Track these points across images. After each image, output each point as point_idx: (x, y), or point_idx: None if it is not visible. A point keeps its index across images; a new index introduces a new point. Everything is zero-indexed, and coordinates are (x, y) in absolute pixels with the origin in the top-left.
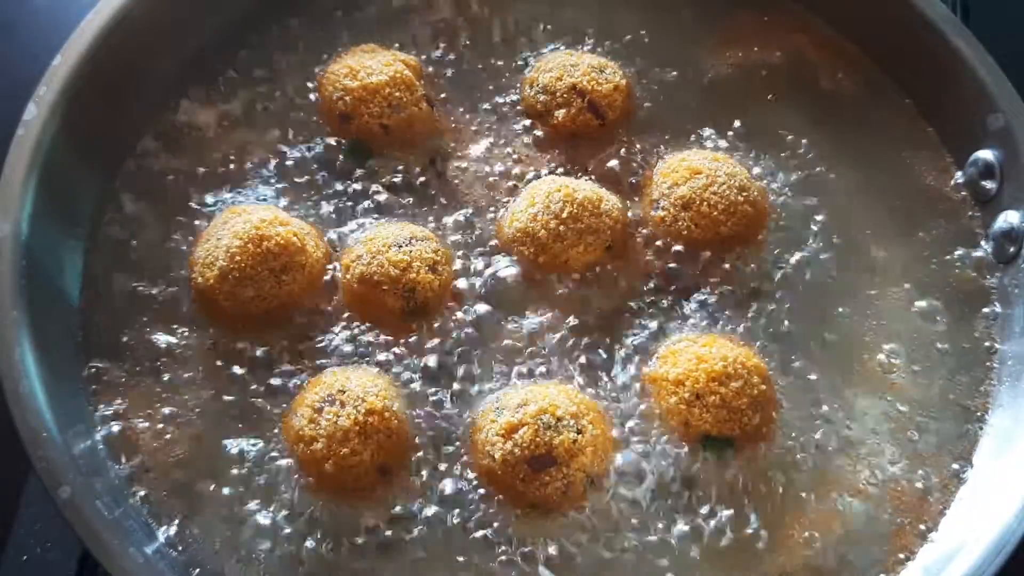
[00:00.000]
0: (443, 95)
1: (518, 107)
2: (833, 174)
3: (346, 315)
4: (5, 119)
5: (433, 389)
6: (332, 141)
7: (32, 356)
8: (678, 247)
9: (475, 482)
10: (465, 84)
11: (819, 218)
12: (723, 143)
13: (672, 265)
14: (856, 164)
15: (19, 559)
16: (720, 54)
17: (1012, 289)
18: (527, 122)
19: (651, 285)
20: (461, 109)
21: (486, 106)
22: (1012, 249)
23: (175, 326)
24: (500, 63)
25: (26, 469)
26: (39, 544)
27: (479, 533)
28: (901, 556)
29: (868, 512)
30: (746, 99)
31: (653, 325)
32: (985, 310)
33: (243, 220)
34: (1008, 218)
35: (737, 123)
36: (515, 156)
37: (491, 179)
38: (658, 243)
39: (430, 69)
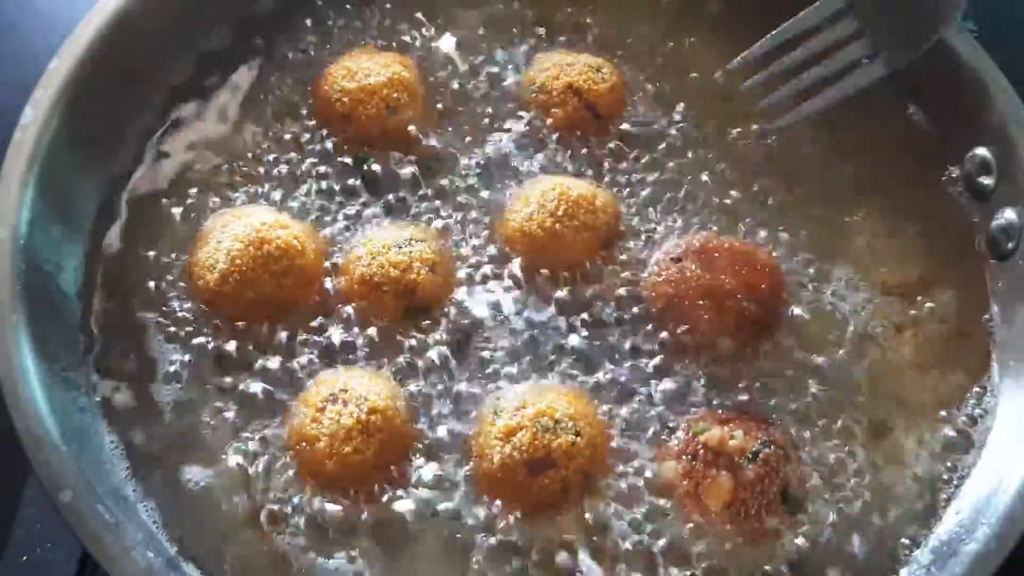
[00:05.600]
0: (440, 95)
1: (515, 106)
2: (828, 169)
3: (347, 316)
4: (6, 121)
5: (434, 389)
6: (331, 142)
7: (32, 359)
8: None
9: (474, 483)
10: (462, 84)
11: (813, 213)
12: None
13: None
14: (851, 160)
15: (19, 559)
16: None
17: (1010, 285)
18: (524, 121)
19: (649, 283)
20: (459, 109)
21: (483, 106)
22: (1010, 245)
23: (175, 328)
24: (498, 63)
25: (26, 469)
26: (39, 544)
27: (478, 535)
28: None
29: None
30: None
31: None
32: (983, 307)
33: (243, 223)
34: (1005, 214)
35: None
36: (513, 155)
37: (489, 178)
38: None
39: (427, 69)
